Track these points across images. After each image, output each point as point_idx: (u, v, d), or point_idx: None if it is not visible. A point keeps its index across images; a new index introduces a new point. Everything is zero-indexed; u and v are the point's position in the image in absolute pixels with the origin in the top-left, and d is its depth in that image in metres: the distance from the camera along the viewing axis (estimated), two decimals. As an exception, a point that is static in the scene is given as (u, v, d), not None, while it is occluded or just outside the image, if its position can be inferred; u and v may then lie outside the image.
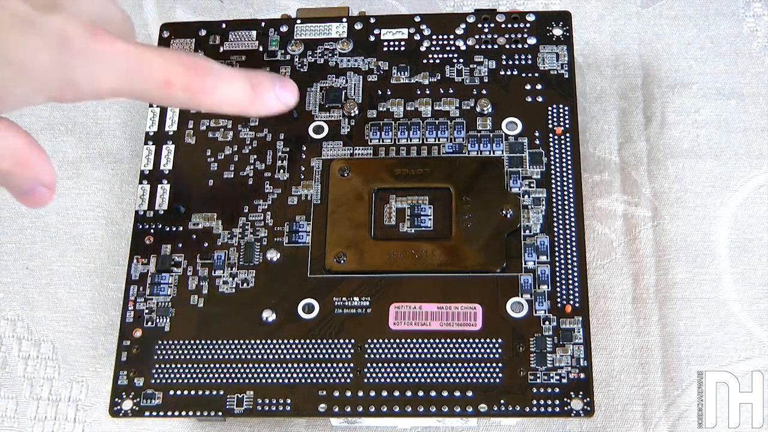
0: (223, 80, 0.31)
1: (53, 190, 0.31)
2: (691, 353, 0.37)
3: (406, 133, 0.38)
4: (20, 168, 0.29)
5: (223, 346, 0.35)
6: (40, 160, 0.29)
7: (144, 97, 0.30)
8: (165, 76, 0.29)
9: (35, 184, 0.30)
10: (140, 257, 0.37)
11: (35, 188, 0.30)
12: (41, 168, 0.30)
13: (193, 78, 0.30)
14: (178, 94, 0.30)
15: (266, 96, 0.32)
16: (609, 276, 0.38)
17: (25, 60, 0.27)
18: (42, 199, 0.30)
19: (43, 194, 0.30)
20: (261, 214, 0.37)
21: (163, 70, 0.29)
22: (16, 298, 0.40)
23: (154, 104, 0.32)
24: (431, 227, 0.36)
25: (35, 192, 0.30)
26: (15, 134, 0.29)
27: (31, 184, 0.30)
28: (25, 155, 0.29)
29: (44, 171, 0.30)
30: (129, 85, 0.29)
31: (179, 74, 0.29)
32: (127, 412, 0.34)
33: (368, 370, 0.34)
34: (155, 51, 0.30)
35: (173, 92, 0.29)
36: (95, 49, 0.28)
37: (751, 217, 0.39)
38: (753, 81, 0.41)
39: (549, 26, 0.39)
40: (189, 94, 0.30)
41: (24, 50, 0.26)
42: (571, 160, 0.37)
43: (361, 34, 0.40)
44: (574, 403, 0.33)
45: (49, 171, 0.30)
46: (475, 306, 0.34)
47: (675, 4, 0.43)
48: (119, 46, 0.28)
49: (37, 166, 0.29)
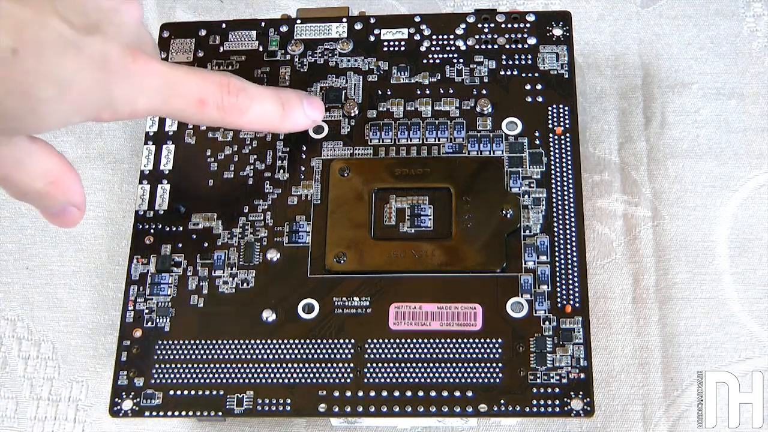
0: (254, 99, 0.32)
1: (83, 211, 0.31)
2: (691, 353, 0.37)
3: (406, 133, 0.38)
4: (53, 189, 0.30)
5: (223, 346, 0.35)
6: (72, 181, 0.30)
7: (178, 116, 0.31)
8: (200, 96, 0.30)
9: (66, 205, 0.31)
10: (140, 257, 0.37)
11: (66, 209, 0.31)
12: (73, 189, 0.30)
13: (226, 97, 0.31)
14: (212, 113, 0.31)
15: (295, 113, 0.34)
16: (609, 276, 0.38)
17: (67, 80, 0.27)
18: (72, 220, 0.31)
19: (73, 215, 0.31)
20: (261, 214, 0.37)
21: (198, 90, 0.30)
22: (16, 298, 0.40)
23: (188, 123, 0.33)
24: (431, 227, 0.36)
25: (65, 212, 0.31)
26: (50, 156, 0.30)
27: (63, 205, 0.31)
28: (59, 177, 0.30)
29: (76, 192, 0.31)
30: (165, 104, 0.30)
31: (213, 93, 0.31)
32: (127, 412, 0.34)
33: (368, 370, 0.34)
34: (190, 71, 0.31)
35: (207, 111, 0.31)
36: (134, 70, 0.29)
37: (751, 217, 0.39)
38: (753, 81, 0.41)
39: (549, 26, 0.39)
40: (222, 113, 0.31)
41: (66, 71, 0.27)
42: (571, 160, 0.37)
43: (361, 34, 0.40)
44: (574, 403, 0.33)
45: (80, 192, 0.31)
46: (475, 306, 0.34)
47: (675, 4, 0.43)
48: (156, 67, 0.29)
49: (70, 188, 0.30)
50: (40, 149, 0.30)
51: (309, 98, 0.35)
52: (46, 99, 0.27)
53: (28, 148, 0.29)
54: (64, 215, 0.31)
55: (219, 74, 0.32)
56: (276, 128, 0.34)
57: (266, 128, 0.34)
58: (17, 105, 0.27)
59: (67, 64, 0.27)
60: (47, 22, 0.27)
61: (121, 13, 0.29)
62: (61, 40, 0.27)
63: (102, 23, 0.28)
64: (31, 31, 0.26)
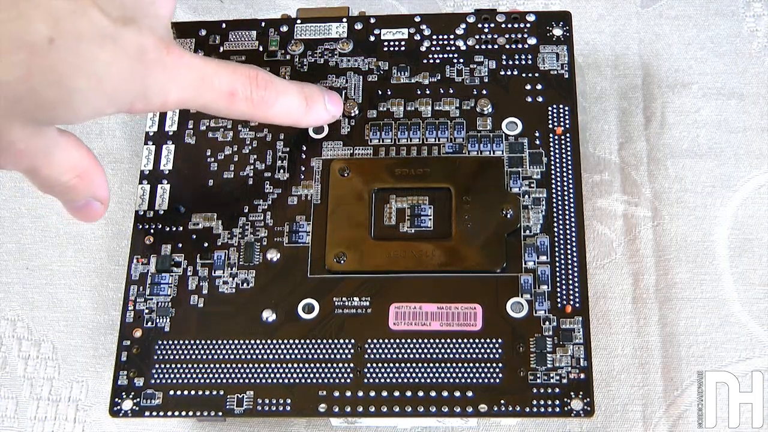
0: (281, 93, 0.32)
1: (106, 205, 0.32)
2: (691, 353, 0.37)
3: (406, 133, 0.38)
4: (80, 182, 0.30)
5: (223, 346, 0.35)
6: (98, 176, 0.31)
7: (208, 108, 0.31)
8: (231, 89, 0.31)
9: (90, 199, 0.31)
10: (140, 257, 0.37)
11: (90, 203, 0.31)
12: (99, 184, 0.31)
13: (255, 90, 0.31)
14: (241, 106, 0.31)
15: (318, 108, 0.34)
16: (609, 276, 0.38)
17: (102, 71, 0.27)
18: (95, 214, 0.32)
19: (97, 209, 0.31)
20: (261, 214, 0.37)
21: (229, 83, 0.31)
22: (16, 298, 0.40)
23: (216, 115, 0.33)
24: (431, 227, 0.36)
25: (89, 206, 0.31)
26: (79, 149, 0.30)
27: (87, 199, 0.31)
28: (86, 170, 0.30)
29: (101, 187, 0.31)
30: (196, 97, 0.30)
31: (243, 86, 0.31)
32: (127, 412, 0.34)
33: (368, 370, 0.34)
34: (221, 64, 0.31)
35: (237, 104, 0.31)
36: (169, 62, 0.29)
37: (751, 217, 0.39)
38: (753, 81, 0.41)
39: (549, 26, 0.39)
40: (251, 106, 0.31)
41: (102, 62, 0.27)
42: (571, 160, 0.37)
43: (361, 34, 0.40)
44: (574, 403, 0.33)
45: (105, 187, 0.31)
46: (475, 306, 0.34)
47: (675, 4, 0.43)
48: (189, 59, 0.30)
49: (96, 182, 0.30)
50: (69, 142, 0.30)
51: (329, 93, 0.36)
52: (80, 89, 0.27)
53: (58, 139, 0.29)
54: (88, 209, 0.31)
55: (248, 67, 0.32)
56: (299, 122, 0.35)
57: (290, 122, 0.34)
58: (52, 95, 0.26)
59: (103, 55, 0.27)
60: (85, 12, 0.27)
61: (156, 5, 0.29)
62: (98, 31, 0.27)
63: (138, 15, 0.28)
64: (69, 21, 0.26)
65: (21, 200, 0.42)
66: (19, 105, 0.26)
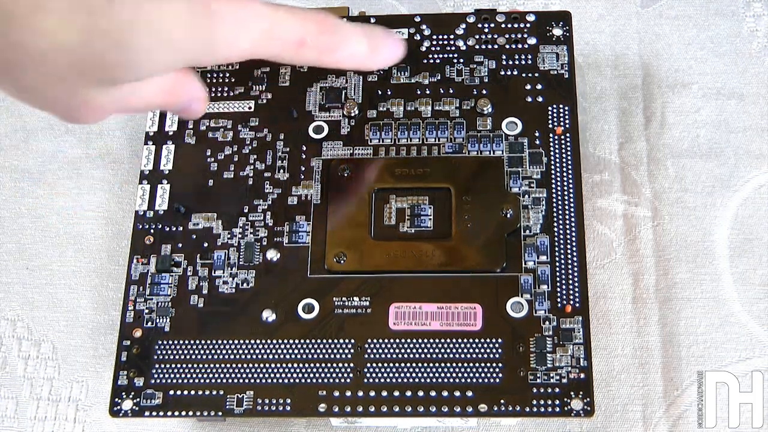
0: (348, 37, 0.31)
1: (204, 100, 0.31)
2: (691, 353, 0.37)
3: (406, 133, 0.38)
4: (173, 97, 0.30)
5: (223, 346, 0.35)
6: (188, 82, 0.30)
7: (276, 57, 0.30)
8: (300, 36, 0.29)
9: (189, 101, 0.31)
10: (140, 257, 0.37)
11: (189, 105, 0.31)
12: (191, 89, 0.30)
13: (323, 36, 0.30)
14: (308, 54, 0.30)
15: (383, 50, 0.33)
16: (609, 276, 0.38)
17: (166, 27, 0.26)
18: (196, 111, 0.31)
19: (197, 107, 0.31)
20: (261, 214, 0.37)
21: (299, 31, 0.29)
22: (16, 298, 0.40)
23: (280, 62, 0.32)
24: (431, 227, 0.36)
25: (189, 108, 0.31)
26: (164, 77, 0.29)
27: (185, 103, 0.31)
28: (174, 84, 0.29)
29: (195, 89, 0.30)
30: (264, 46, 0.29)
31: (312, 33, 0.30)
32: (127, 412, 0.34)
33: (368, 370, 0.34)
34: (290, 11, 0.29)
35: (305, 52, 0.30)
36: (235, 10, 0.28)
37: (751, 217, 0.39)
38: (753, 81, 0.41)
39: (549, 26, 0.39)
40: (318, 53, 0.30)
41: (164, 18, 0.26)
42: (571, 160, 0.37)
43: (361, 34, 0.40)
44: (574, 403, 0.33)
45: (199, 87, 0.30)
46: (475, 306, 0.34)
47: (675, 4, 0.43)
48: (257, 7, 0.28)
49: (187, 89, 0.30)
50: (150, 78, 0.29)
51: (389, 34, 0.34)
52: (144, 48, 0.26)
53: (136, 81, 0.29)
54: (188, 110, 0.31)
55: (314, 12, 0.31)
56: (365, 66, 0.33)
57: (355, 66, 0.33)
58: (115, 56, 0.26)
59: (165, 10, 0.26)
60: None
61: None
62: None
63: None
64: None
65: (21, 200, 0.42)
66: (84, 68, 0.26)
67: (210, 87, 0.39)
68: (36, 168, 0.42)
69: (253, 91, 0.39)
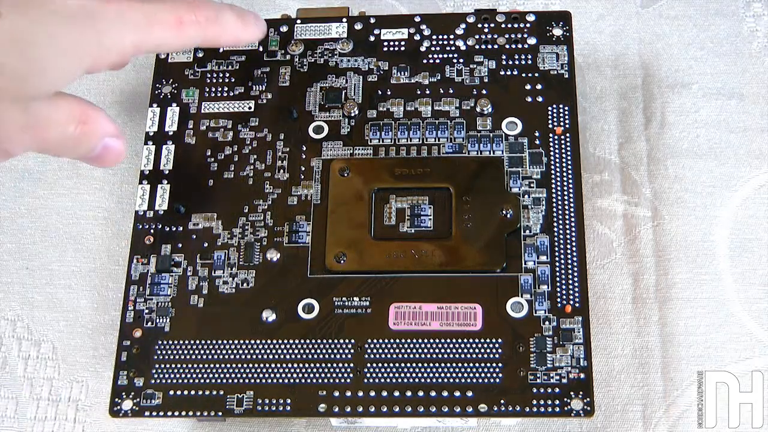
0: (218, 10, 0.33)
1: (122, 139, 0.32)
2: (691, 353, 0.37)
3: (406, 133, 0.38)
4: (86, 127, 0.30)
5: (223, 346, 0.35)
6: (99, 113, 0.31)
7: (162, 45, 0.32)
8: (176, 16, 0.31)
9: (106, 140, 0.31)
10: (140, 257, 0.37)
11: (107, 144, 0.31)
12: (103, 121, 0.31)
13: (197, 12, 0.32)
14: (190, 31, 0.32)
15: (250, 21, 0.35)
16: (609, 276, 0.38)
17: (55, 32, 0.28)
18: (117, 152, 0.32)
19: (116, 146, 0.32)
20: (261, 214, 0.37)
21: (172, 11, 0.31)
22: (16, 298, 0.40)
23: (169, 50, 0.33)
24: (431, 227, 0.36)
25: (108, 148, 0.32)
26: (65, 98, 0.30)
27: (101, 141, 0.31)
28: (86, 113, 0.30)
29: (107, 123, 0.31)
30: (148, 35, 0.31)
31: (186, 12, 0.32)
32: (127, 412, 0.34)
33: (368, 370, 0.34)
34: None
35: (186, 30, 0.32)
36: (113, 10, 0.30)
37: (751, 217, 0.39)
38: (753, 81, 0.41)
39: (549, 26, 0.39)
40: (199, 29, 0.32)
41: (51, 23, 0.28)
42: (571, 160, 0.37)
43: (361, 34, 0.40)
44: (574, 403, 0.33)
45: (111, 122, 0.31)
46: (475, 306, 0.34)
47: (675, 4, 0.43)
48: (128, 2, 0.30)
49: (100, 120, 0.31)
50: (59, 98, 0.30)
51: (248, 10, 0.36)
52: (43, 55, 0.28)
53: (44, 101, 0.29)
54: (108, 151, 0.32)
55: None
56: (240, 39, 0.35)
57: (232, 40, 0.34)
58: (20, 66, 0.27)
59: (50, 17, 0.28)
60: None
61: None
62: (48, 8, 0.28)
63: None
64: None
65: (21, 200, 0.42)
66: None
67: (210, 87, 0.39)
68: (36, 168, 0.42)
69: (253, 91, 0.39)
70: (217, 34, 0.33)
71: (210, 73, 0.40)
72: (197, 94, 0.39)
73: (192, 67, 0.40)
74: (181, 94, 0.39)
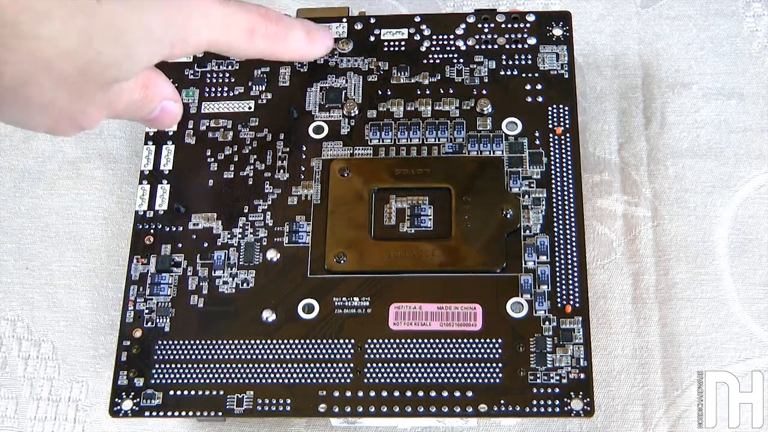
0: (290, 27, 0.34)
1: (178, 100, 0.32)
2: (691, 353, 0.37)
3: (406, 133, 0.38)
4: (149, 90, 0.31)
5: (223, 346, 0.35)
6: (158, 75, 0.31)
7: (231, 48, 0.32)
8: (250, 25, 0.32)
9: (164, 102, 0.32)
10: (140, 257, 0.37)
11: (165, 106, 0.32)
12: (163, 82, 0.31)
13: (269, 26, 0.33)
14: (259, 43, 0.32)
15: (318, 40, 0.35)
16: (609, 276, 0.38)
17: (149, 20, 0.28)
18: (174, 114, 0.32)
19: (173, 108, 0.32)
20: (261, 214, 0.37)
21: (248, 20, 0.32)
22: (16, 298, 0.40)
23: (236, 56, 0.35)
24: (431, 227, 0.36)
25: (165, 109, 0.32)
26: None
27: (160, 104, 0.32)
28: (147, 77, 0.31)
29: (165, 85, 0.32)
30: (223, 35, 0.31)
31: (260, 23, 0.32)
32: (127, 412, 0.34)
33: (368, 370, 0.34)
34: (237, 4, 0.32)
35: (256, 41, 0.32)
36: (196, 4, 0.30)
37: (751, 217, 0.39)
38: (753, 81, 0.41)
39: (549, 26, 0.39)
40: (267, 42, 0.33)
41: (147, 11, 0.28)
42: (571, 160, 0.37)
43: (361, 34, 0.40)
44: (574, 403, 0.33)
45: (169, 84, 0.32)
46: (475, 306, 0.34)
47: (675, 4, 0.43)
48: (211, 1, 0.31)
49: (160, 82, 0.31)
50: None
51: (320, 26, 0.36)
52: (137, 41, 0.28)
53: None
54: (166, 112, 0.32)
55: (255, 5, 0.33)
56: (305, 56, 0.36)
57: (298, 56, 0.35)
58: (115, 53, 0.27)
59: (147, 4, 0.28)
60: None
61: None
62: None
63: None
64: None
65: (21, 200, 0.42)
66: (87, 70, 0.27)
67: (210, 87, 0.39)
68: (36, 168, 0.42)
69: (253, 91, 0.39)
70: (282, 52, 0.34)
71: (210, 73, 0.40)
72: (197, 94, 0.39)
73: (192, 67, 0.40)
74: (181, 94, 0.39)
